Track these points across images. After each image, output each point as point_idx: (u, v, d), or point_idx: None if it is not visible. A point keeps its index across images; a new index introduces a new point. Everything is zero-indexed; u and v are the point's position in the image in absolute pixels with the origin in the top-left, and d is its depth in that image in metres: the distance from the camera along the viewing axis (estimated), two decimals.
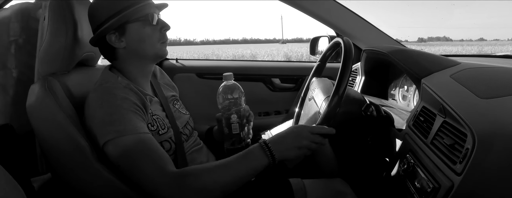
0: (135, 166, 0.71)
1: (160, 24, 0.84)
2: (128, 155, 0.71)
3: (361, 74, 1.36)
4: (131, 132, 0.72)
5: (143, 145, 0.72)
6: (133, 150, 0.71)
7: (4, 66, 1.07)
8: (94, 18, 0.83)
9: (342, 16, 1.51)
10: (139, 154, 0.71)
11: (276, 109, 1.78)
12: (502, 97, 0.66)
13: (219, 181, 0.70)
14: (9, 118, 1.06)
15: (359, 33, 1.53)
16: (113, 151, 0.72)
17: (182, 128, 0.93)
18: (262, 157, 0.72)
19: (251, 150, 0.73)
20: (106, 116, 0.73)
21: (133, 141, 0.71)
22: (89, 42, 0.86)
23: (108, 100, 0.75)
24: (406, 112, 1.03)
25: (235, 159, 0.72)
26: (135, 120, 0.75)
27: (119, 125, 0.72)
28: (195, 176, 0.69)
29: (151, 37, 0.83)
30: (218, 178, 0.70)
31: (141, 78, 0.88)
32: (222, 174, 0.70)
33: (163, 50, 0.86)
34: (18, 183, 0.56)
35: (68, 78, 0.88)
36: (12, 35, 1.07)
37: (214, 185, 0.69)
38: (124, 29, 0.81)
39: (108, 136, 0.71)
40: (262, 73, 1.76)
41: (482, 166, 0.57)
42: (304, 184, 0.93)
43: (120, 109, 0.74)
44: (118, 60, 0.86)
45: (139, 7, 0.81)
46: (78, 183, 0.85)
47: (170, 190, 0.68)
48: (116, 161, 0.73)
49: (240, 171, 0.71)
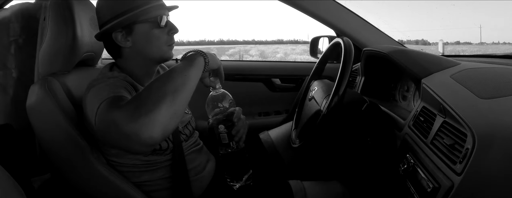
0: (104, 120, 0.62)
1: (168, 26, 0.83)
2: (101, 113, 0.63)
3: (361, 75, 1.36)
4: (110, 94, 0.67)
5: (114, 100, 0.65)
6: (104, 106, 0.64)
7: (4, 66, 1.07)
8: (102, 14, 0.82)
9: (342, 16, 1.50)
10: (107, 107, 0.63)
11: (276, 109, 1.78)
12: (502, 98, 0.66)
13: (162, 90, 0.61)
14: (9, 118, 1.06)
15: (359, 33, 1.53)
16: (97, 119, 0.64)
17: (183, 127, 0.93)
18: (196, 56, 0.72)
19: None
20: (97, 92, 0.69)
21: (108, 101, 0.64)
22: (95, 37, 0.85)
23: (100, 82, 0.73)
24: (406, 112, 1.03)
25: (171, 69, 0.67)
26: (121, 89, 0.71)
27: (107, 94, 0.67)
28: (139, 95, 0.62)
29: (158, 39, 0.82)
30: (159, 87, 0.62)
31: (143, 77, 0.87)
32: (162, 82, 0.63)
33: (169, 53, 0.85)
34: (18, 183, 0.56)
35: (68, 79, 0.88)
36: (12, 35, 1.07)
37: (158, 95, 0.60)
38: (132, 29, 0.80)
39: (96, 107, 0.65)
40: (262, 73, 1.76)
41: (482, 166, 0.57)
42: (303, 186, 0.93)
43: (110, 85, 0.71)
44: (122, 58, 0.85)
45: (149, 8, 0.80)
46: (78, 183, 0.85)
47: (128, 116, 0.57)
48: (96, 127, 0.64)
49: (177, 74, 0.65)
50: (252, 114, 1.73)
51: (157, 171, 0.85)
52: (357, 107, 0.90)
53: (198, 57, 0.72)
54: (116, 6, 0.79)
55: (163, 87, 0.62)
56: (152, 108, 0.57)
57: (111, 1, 0.80)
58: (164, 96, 0.60)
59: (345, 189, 0.96)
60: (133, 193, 0.81)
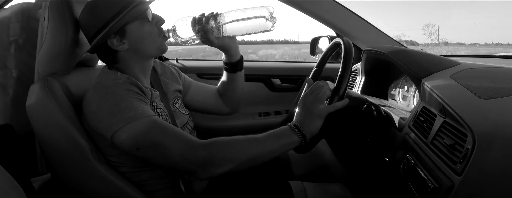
0: (158, 144, 0.71)
1: (155, 19, 0.84)
2: (147, 136, 0.71)
3: (361, 75, 1.36)
4: (142, 116, 0.72)
5: (159, 124, 0.73)
6: (151, 131, 0.71)
7: (4, 66, 1.07)
8: (90, 27, 0.81)
9: (342, 16, 1.51)
10: (159, 132, 0.72)
11: (276, 109, 1.78)
12: (502, 98, 0.66)
13: (246, 152, 0.73)
14: (9, 118, 1.06)
15: (359, 33, 1.53)
16: (128, 137, 0.71)
17: (182, 127, 0.93)
18: (293, 136, 0.75)
19: (282, 130, 0.77)
20: (113, 106, 0.73)
21: (147, 123, 0.72)
22: (88, 51, 0.84)
23: (112, 92, 0.75)
24: (406, 112, 1.03)
25: (265, 135, 0.75)
26: (143, 106, 0.75)
27: (129, 111, 0.72)
28: (223, 144, 0.72)
29: (151, 33, 0.82)
30: (245, 149, 0.73)
31: (141, 74, 0.87)
32: (250, 145, 0.73)
33: (164, 45, 0.86)
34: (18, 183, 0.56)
35: (68, 79, 0.88)
36: (12, 35, 1.07)
37: (240, 154, 0.72)
38: (124, 31, 0.80)
39: (119, 124, 0.71)
40: (262, 73, 1.76)
41: (482, 166, 0.57)
42: (304, 187, 0.93)
43: (126, 97, 0.74)
44: (119, 62, 0.85)
45: (135, 6, 0.80)
46: (78, 183, 0.85)
47: (199, 158, 0.70)
48: (134, 145, 0.72)
49: (268, 145, 0.74)
50: (252, 114, 1.73)
51: (157, 170, 0.85)
52: (357, 107, 0.90)
53: (295, 140, 0.75)
54: (103, 14, 0.79)
55: (248, 151, 0.72)
56: (228, 163, 0.71)
57: (96, 11, 0.80)
58: (246, 158, 0.72)
59: (346, 191, 0.95)
60: (133, 193, 0.81)
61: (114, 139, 0.72)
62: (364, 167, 1.10)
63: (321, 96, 0.78)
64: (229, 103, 1.08)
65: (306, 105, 0.79)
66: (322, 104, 0.78)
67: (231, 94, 1.06)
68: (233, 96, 1.06)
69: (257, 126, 1.71)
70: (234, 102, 1.08)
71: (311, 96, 0.79)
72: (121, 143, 0.72)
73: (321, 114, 0.77)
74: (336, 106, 0.78)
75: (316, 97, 0.78)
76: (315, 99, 0.78)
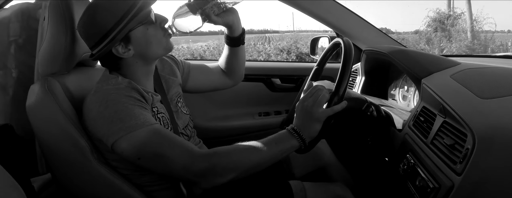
0: (160, 155, 0.72)
1: (158, 19, 0.81)
2: (149, 146, 0.71)
3: (361, 75, 1.36)
4: (144, 124, 0.72)
5: (160, 134, 0.73)
6: (152, 140, 0.71)
7: (4, 66, 1.07)
8: (90, 36, 0.78)
9: (342, 16, 1.50)
10: (160, 141, 0.72)
11: (276, 109, 1.78)
12: (502, 98, 0.66)
13: (247, 160, 0.74)
14: (9, 118, 1.06)
15: (359, 33, 1.53)
16: (129, 146, 0.71)
17: (183, 128, 0.92)
18: (292, 140, 0.76)
19: (281, 134, 0.77)
20: (114, 114, 0.72)
21: (148, 132, 0.71)
22: (91, 59, 0.82)
23: (113, 98, 0.74)
24: (406, 112, 1.03)
25: (264, 141, 0.76)
26: (144, 114, 0.74)
27: (130, 120, 0.71)
28: (224, 154, 0.73)
29: (156, 36, 0.81)
30: (246, 157, 0.74)
31: (144, 77, 0.85)
32: (250, 153, 0.74)
33: (170, 43, 0.84)
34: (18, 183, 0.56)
35: (68, 79, 0.88)
36: (12, 35, 1.07)
37: (241, 163, 0.73)
38: (129, 37, 0.77)
39: (120, 132, 0.70)
40: (262, 73, 1.76)
41: (482, 166, 0.57)
42: (304, 187, 0.93)
43: (127, 105, 0.73)
44: (122, 68, 0.83)
45: (137, 10, 0.77)
46: (78, 183, 0.85)
47: (201, 169, 0.71)
48: (135, 155, 0.72)
49: (268, 152, 0.74)
50: (252, 114, 1.73)
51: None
52: (357, 107, 0.90)
53: (295, 145, 0.76)
54: (104, 21, 0.75)
55: (249, 159, 0.74)
56: (230, 172, 0.72)
57: (97, 19, 0.76)
58: (247, 166, 0.74)
59: (346, 191, 0.95)
60: (134, 193, 0.81)
61: (115, 147, 0.72)
62: (364, 167, 1.10)
63: (320, 100, 0.78)
64: (233, 75, 1.09)
65: (305, 108, 0.78)
66: (321, 108, 0.78)
67: (235, 67, 1.07)
68: (237, 68, 1.07)
69: (257, 126, 1.71)
70: (238, 74, 1.09)
71: (310, 100, 0.78)
72: (122, 152, 0.72)
73: (320, 117, 0.77)
74: (334, 109, 0.78)
75: (315, 100, 0.78)
76: (314, 102, 0.78)
